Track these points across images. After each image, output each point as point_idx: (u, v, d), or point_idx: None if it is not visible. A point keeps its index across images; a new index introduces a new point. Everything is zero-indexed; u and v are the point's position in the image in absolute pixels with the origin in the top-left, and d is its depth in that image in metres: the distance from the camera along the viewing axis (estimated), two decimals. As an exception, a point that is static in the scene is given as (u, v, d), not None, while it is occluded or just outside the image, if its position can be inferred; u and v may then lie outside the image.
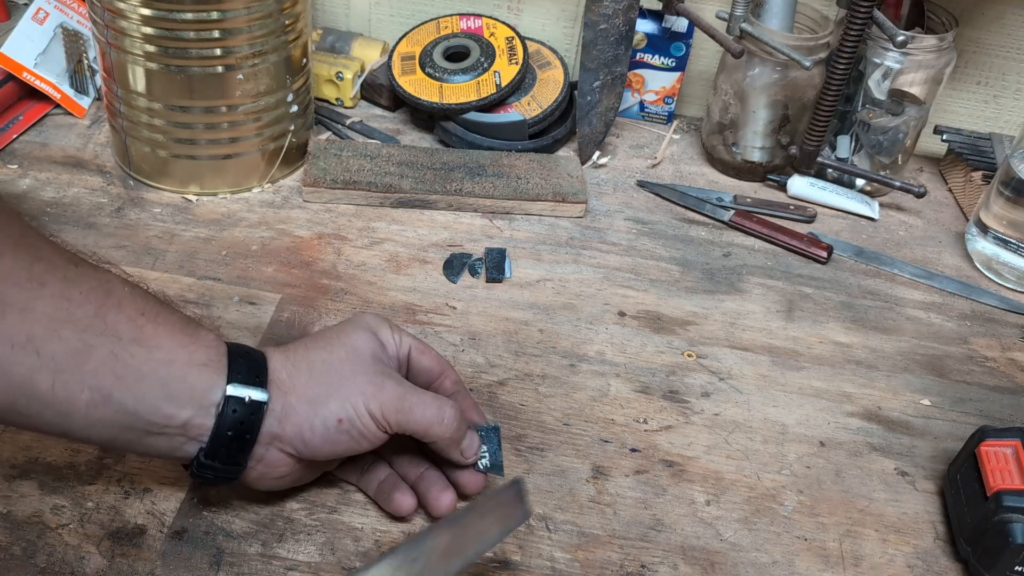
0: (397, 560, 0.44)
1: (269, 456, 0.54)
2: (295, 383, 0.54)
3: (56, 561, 0.54)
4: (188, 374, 0.51)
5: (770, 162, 0.98)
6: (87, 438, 0.51)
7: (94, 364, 0.48)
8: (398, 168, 0.89)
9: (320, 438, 0.53)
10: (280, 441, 0.54)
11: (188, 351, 0.51)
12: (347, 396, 0.54)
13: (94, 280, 0.50)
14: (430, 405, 0.55)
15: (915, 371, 0.77)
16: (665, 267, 0.85)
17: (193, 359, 0.51)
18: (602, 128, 0.97)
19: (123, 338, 0.49)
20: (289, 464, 0.55)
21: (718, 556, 0.60)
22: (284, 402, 0.53)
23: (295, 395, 0.54)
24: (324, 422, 0.53)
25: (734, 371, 0.74)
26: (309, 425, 0.53)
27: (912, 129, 0.94)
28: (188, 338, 0.52)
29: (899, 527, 0.63)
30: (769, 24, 0.91)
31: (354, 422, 0.53)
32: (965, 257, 0.92)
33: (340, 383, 0.54)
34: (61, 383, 0.48)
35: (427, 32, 1.01)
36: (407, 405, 0.54)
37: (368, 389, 0.54)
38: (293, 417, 0.53)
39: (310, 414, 0.53)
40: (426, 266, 0.81)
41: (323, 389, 0.54)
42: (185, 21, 0.77)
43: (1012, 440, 0.61)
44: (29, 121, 0.93)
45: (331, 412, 0.53)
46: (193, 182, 0.86)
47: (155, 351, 0.50)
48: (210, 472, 0.53)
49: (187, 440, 0.52)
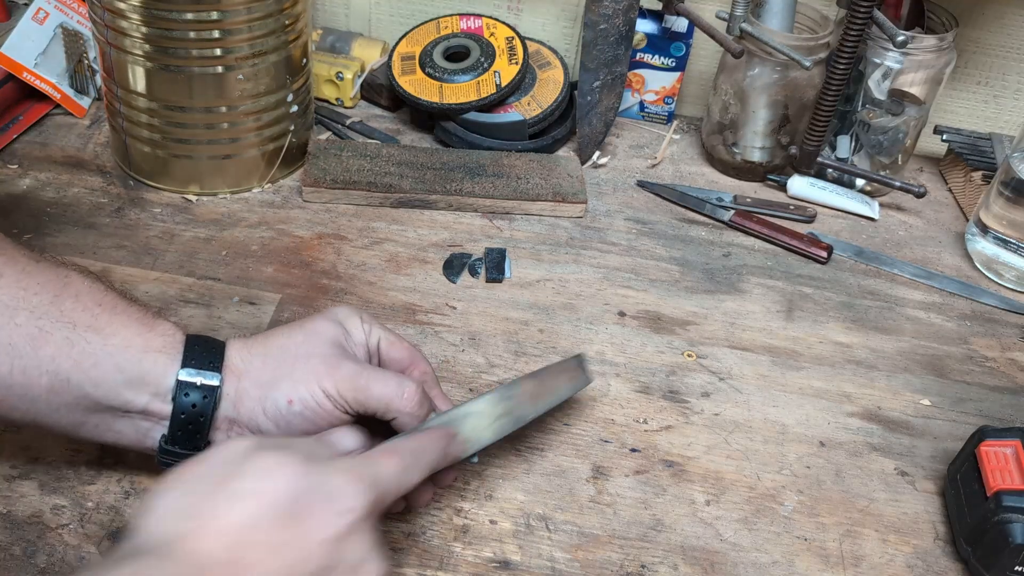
0: (496, 396, 0.54)
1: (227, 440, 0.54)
2: (249, 367, 0.54)
3: (56, 561, 0.54)
4: (143, 360, 0.52)
5: (770, 162, 0.98)
6: (57, 424, 0.52)
7: (51, 349, 0.50)
8: (398, 168, 0.89)
9: (272, 420, 0.53)
10: (238, 426, 0.54)
11: (144, 338, 0.53)
12: (299, 378, 0.53)
13: (52, 273, 0.53)
14: (389, 381, 0.54)
15: (915, 371, 0.77)
16: (665, 267, 0.85)
17: (149, 346, 0.53)
18: (602, 128, 0.97)
19: (78, 325, 0.51)
20: None
21: (718, 556, 0.60)
22: (238, 386, 0.54)
23: (248, 379, 0.54)
24: (275, 403, 0.53)
25: (734, 371, 0.74)
26: (262, 408, 0.53)
27: (912, 129, 0.94)
28: (144, 327, 0.53)
29: (899, 527, 0.63)
30: (769, 24, 0.91)
31: (306, 402, 0.53)
32: (965, 257, 0.92)
33: (294, 365, 0.54)
34: (20, 368, 0.50)
35: (427, 32, 1.01)
36: (364, 382, 0.54)
37: (321, 369, 0.54)
38: (246, 400, 0.54)
39: (262, 396, 0.53)
40: (426, 266, 0.81)
41: (277, 372, 0.54)
42: (185, 21, 0.77)
43: (1012, 440, 0.61)
44: (29, 121, 0.93)
45: (281, 393, 0.53)
46: (193, 182, 0.86)
47: (111, 338, 0.52)
48: (172, 458, 0.53)
49: (152, 426, 0.54)
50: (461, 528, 0.59)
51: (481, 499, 0.61)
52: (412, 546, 0.58)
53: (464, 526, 0.59)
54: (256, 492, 0.43)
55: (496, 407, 0.54)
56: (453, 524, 0.59)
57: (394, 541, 0.58)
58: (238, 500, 0.42)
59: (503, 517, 0.60)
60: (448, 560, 0.57)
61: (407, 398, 0.54)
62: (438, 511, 0.60)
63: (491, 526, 0.60)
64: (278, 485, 0.43)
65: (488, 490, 0.62)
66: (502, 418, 0.54)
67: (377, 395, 0.54)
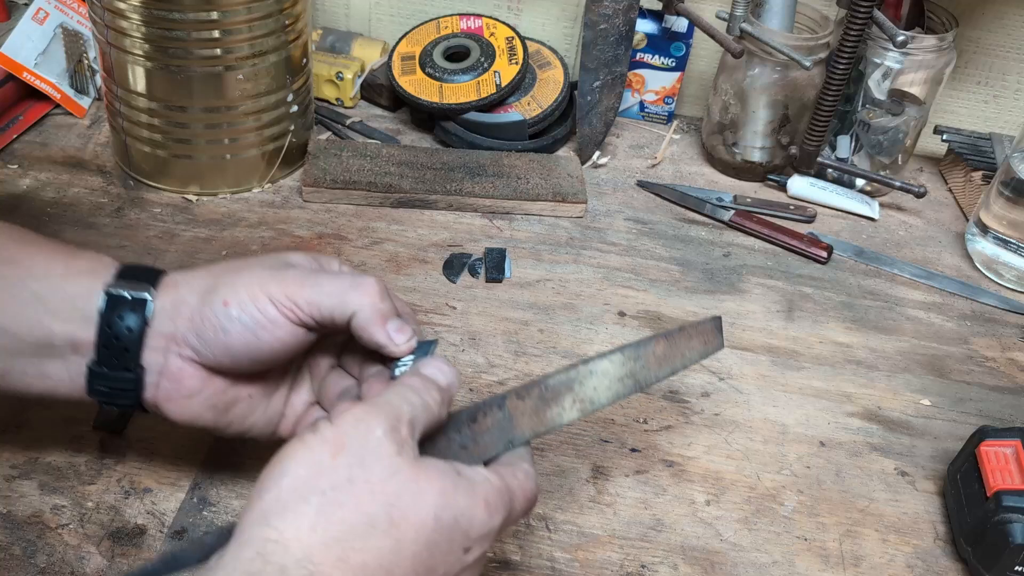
0: (625, 355, 0.50)
1: (170, 366, 0.50)
2: (189, 279, 0.50)
3: (56, 561, 0.54)
4: (66, 284, 0.49)
5: (770, 162, 0.98)
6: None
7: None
8: (398, 168, 0.89)
9: (210, 329, 0.48)
10: (176, 343, 0.49)
11: (66, 265, 0.49)
12: (241, 282, 0.48)
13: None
14: (344, 277, 0.49)
15: (915, 371, 0.77)
16: (665, 267, 0.85)
17: (71, 270, 0.49)
18: (602, 128, 0.97)
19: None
20: (196, 376, 0.50)
21: (718, 556, 0.60)
22: (175, 296, 0.49)
23: (187, 287, 0.50)
24: (212, 308, 0.48)
25: (734, 371, 0.74)
26: (200, 315, 0.48)
27: (912, 129, 0.94)
28: (68, 255, 0.50)
29: (899, 527, 0.63)
30: (769, 24, 0.91)
31: (244, 306, 0.48)
32: (965, 257, 0.92)
33: (238, 271, 0.49)
34: None
35: (427, 32, 1.01)
36: (314, 280, 0.48)
37: (267, 274, 0.49)
38: (184, 310, 0.49)
39: (200, 302, 0.49)
40: (426, 266, 0.81)
41: (218, 280, 0.49)
42: (185, 21, 0.77)
43: (1012, 440, 0.61)
44: (29, 121, 0.93)
45: (219, 296, 0.48)
46: (193, 182, 0.86)
47: (30, 269, 0.49)
48: (102, 384, 0.49)
49: (83, 359, 0.49)
50: (461, 528, 0.59)
51: (481, 499, 0.61)
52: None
53: (464, 526, 0.59)
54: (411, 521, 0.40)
55: (621, 368, 0.50)
56: (453, 524, 0.59)
57: (394, 541, 0.58)
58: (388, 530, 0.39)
59: (503, 517, 0.60)
60: (448, 560, 0.57)
61: (366, 287, 0.49)
62: (438, 511, 0.60)
63: (491, 526, 0.60)
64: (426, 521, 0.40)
65: (488, 490, 0.62)
66: (625, 380, 0.50)
67: (328, 290, 0.48)
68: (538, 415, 0.48)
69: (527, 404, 0.48)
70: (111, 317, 0.48)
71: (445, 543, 0.41)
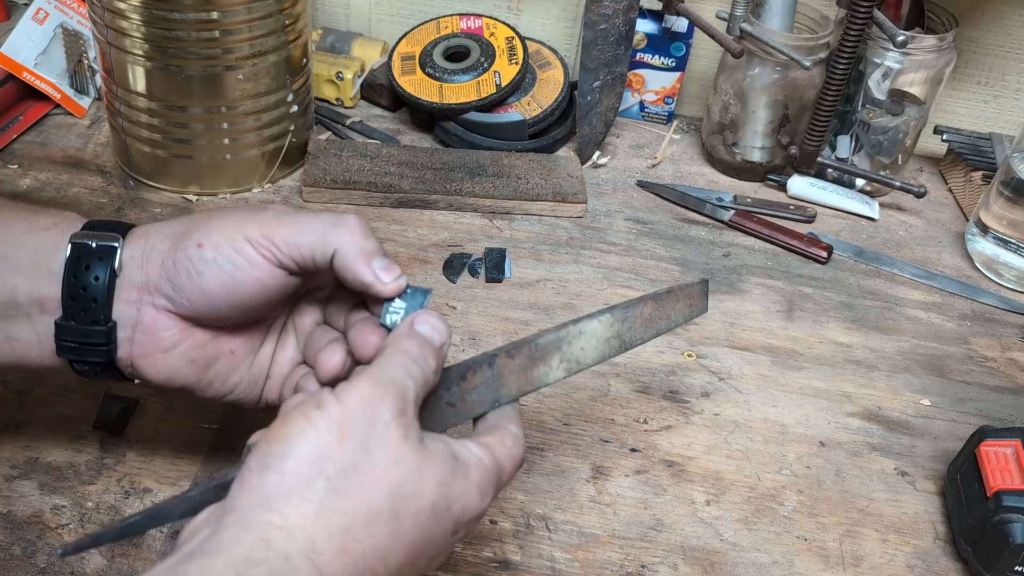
0: (613, 316, 0.50)
1: (143, 318, 0.47)
2: (160, 227, 0.48)
3: (56, 561, 0.54)
4: (29, 239, 0.47)
5: (770, 162, 0.98)
6: None
7: None
8: (398, 168, 0.89)
9: (184, 274, 0.46)
10: (148, 293, 0.47)
11: (28, 222, 0.47)
12: (216, 225, 0.46)
13: None
14: (324, 216, 0.47)
15: (915, 371, 0.77)
16: (665, 267, 0.85)
17: (34, 226, 0.47)
18: (602, 128, 0.97)
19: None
20: (173, 327, 0.48)
21: (718, 556, 0.60)
22: (144, 246, 0.47)
23: (157, 236, 0.47)
24: (186, 252, 0.46)
25: (734, 371, 0.74)
26: (172, 260, 0.46)
27: (912, 129, 0.94)
28: (31, 213, 0.48)
29: (899, 527, 0.63)
30: (769, 24, 0.91)
31: (219, 247, 0.45)
32: (965, 257, 0.92)
33: (212, 216, 0.47)
34: None
35: (427, 32, 1.01)
36: (293, 219, 0.46)
37: (243, 215, 0.47)
38: (154, 257, 0.47)
39: (173, 248, 0.46)
40: (426, 266, 0.81)
41: (192, 224, 0.47)
42: (185, 21, 0.77)
43: (1012, 440, 0.61)
44: (29, 121, 0.93)
45: (193, 239, 0.46)
46: (193, 182, 0.86)
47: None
48: (70, 339, 0.47)
49: (50, 319, 0.47)
50: (461, 528, 0.59)
51: (481, 499, 0.61)
52: (412, 546, 0.58)
53: (464, 526, 0.59)
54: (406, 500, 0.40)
55: (608, 329, 0.50)
56: (453, 524, 0.59)
57: (394, 541, 0.58)
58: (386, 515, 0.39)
59: (503, 517, 0.60)
60: (448, 560, 0.57)
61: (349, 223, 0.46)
62: (438, 511, 0.60)
63: (491, 526, 0.60)
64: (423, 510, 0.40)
65: (488, 490, 0.62)
66: (611, 340, 0.50)
67: (308, 227, 0.46)
68: (526, 374, 0.48)
69: (516, 362, 0.48)
70: (77, 268, 0.46)
71: (439, 528, 0.41)
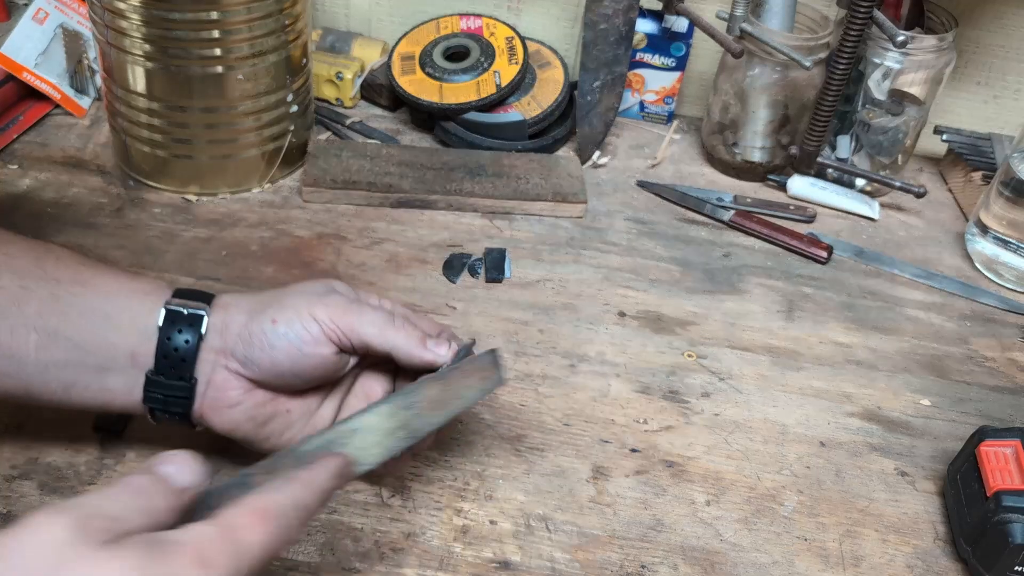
0: (392, 407, 0.49)
1: (216, 377, 0.54)
2: (239, 301, 0.55)
3: (56, 561, 0.54)
4: (130, 302, 0.53)
5: (770, 162, 0.98)
6: (47, 387, 0.52)
7: (36, 306, 0.51)
8: (398, 168, 0.89)
9: (258, 345, 0.52)
10: (224, 356, 0.54)
11: (129, 286, 0.54)
12: (288, 303, 0.53)
13: (32, 242, 0.54)
14: (381, 311, 0.54)
15: (915, 371, 0.77)
16: (665, 267, 0.85)
17: (135, 290, 0.54)
18: (602, 128, 0.97)
19: (63, 281, 0.52)
20: (239, 387, 0.54)
21: (718, 556, 0.60)
22: (225, 316, 0.54)
23: (235, 308, 0.54)
24: (261, 326, 0.52)
25: (734, 371, 0.74)
26: (248, 332, 0.53)
27: (912, 129, 0.94)
28: (129, 278, 0.55)
29: (899, 527, 0.63)
30: (769, 24, 0.91)
31: (291, 323, 0.52)
32: (965, 257, 0.92)
33: (285, 295, 0.54)
34: (7, 328, 0.50)
35: (427, 32, 1.01)
36: (357, 309, 0.53)
37: (313, 298, 0.53)
38: (233, 327, 0.53)
39: (249, 321, 0.53)
40: (426, 266, 0.81)
41: (266, 302, 0.54)
42: (185, 21, 0.77)
43: (1012, 440, 0.61)
44: (29, 121, 0.93)
45: (267, 315, 0.53)
46: (193, 182, 0.86)
47: (96, 289, 0.53)
48: (158, 391, 0.53)
49: (140, 372, 0.53)
50: (461, 528, 0.59)
51: (481, 499, 0.61)
52: (412, 546, 0.58)
53: (464, 526, 0.59)
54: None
55: (390, 420, 0.48)
56: (453, 524, 0.59)
57: (394, 541, 0.58)
58: None
59: (503, 517, 0.60)
60: (448, 560, 0.57)
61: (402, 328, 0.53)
62: (438, 511, 0.60)
63: (491, 526, 0.60)
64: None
65: (488, 490, 0.62)
66: (396, 432, 0.48)
67: (370, 319, 0.53)
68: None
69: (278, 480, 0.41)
70: (171, 331, 0.53)
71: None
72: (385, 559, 0.57)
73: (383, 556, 0.57)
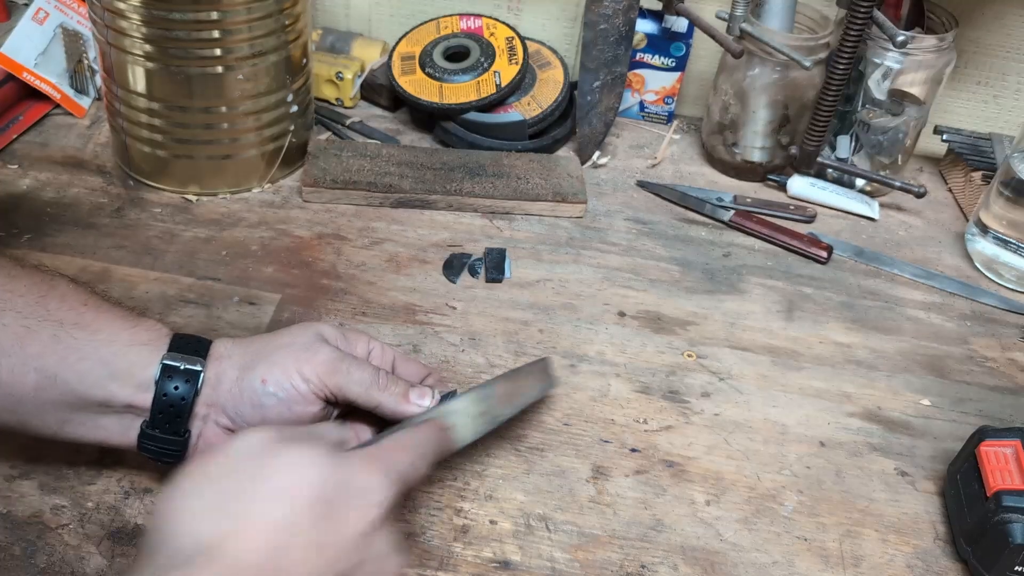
0: (474, 396, 0.56)
1: (207, 432, 0.55)
2: (232, 353, 0.55)
3: (56, 561, 0.54)
4: (129, 352, 0.53)
5: (770, 162, 0.98)
6: (42, 423, 0.53)
7: (38, 347, 0.51)
8: (398, 168, 0.89)
9: (248, 402, 0.54)
10: (215, 411, 0.55)
11: (129, 333, 0.54)
12: (276, 360, 0.54)
13: (38, 277, 0.54)
14: (367, 367, 0.55)
15: (915, 371, 0.77)
16: (665, 267, 0.85)
17: (134, 339, 0.54)
18: (602, 128, 0.97)
19: (65, 323, 0.52)
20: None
21: (718, 556, 0.60)
22: (218, 369, 0.55)
23: (228, 362, 0.55)
24: (251, 384, 0.54)
25: (734, 371, 0.74)
26: (238, 389, 0.54)
27: (912, 129, 0.94)
28: (130, 323, 0.55)
29: (899, 527, 0.63)
30: (769, 24, 0.91)
31: (280, 383, 0.53)
32: (965, 257, 0.92)
33: (274, 351, 0.55)
34: (7, 367, 0.51)
35: (427, 32, 1.01)
36: (344, 367, 0.54)
37: (302, 355, 0.54)
38: (225, 383, 0.54)
39: (240, 377, 0.54)
40: (426, 266, 0.81)
41: (256, 356, 0.55)
42: (185, 21, 0.77)
43: (1012, 440, 0.61)
44: (29, 121, 0.93)
45: (256, 374, 0.54)
46: (193, 182, 0.86)
47: (97, 333, 0.53)
48: (152, 444, 0.54)
49: (134, 420, 0.54)
50: (461, 528, 0.59)
51: (481, 499, 0.61)
52: (412, 546, 0.58)
53: (464, 526, 0.59)
54: (291, 489, 0.42)
55: (476, 406, 0.55)
56: (453, 524, 0.59)
57: (394, 541, 0.58)
58: (274, 499, 0.42)
59: (503, 517, 0.60)
60: (448, 560, 0.57)
61: (382, 382, 0.55)
62: (438, 511, 0.60)
63: (491, 526, 0.60)
64: (313, 481, 0.43)
65: (488, 490, 0.62)
66: (481, 417, 0.56)
67: (357, 378, 0.54)
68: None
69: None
70: (166, 386, 0.53)
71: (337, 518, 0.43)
72: (385, 559, 0.57)
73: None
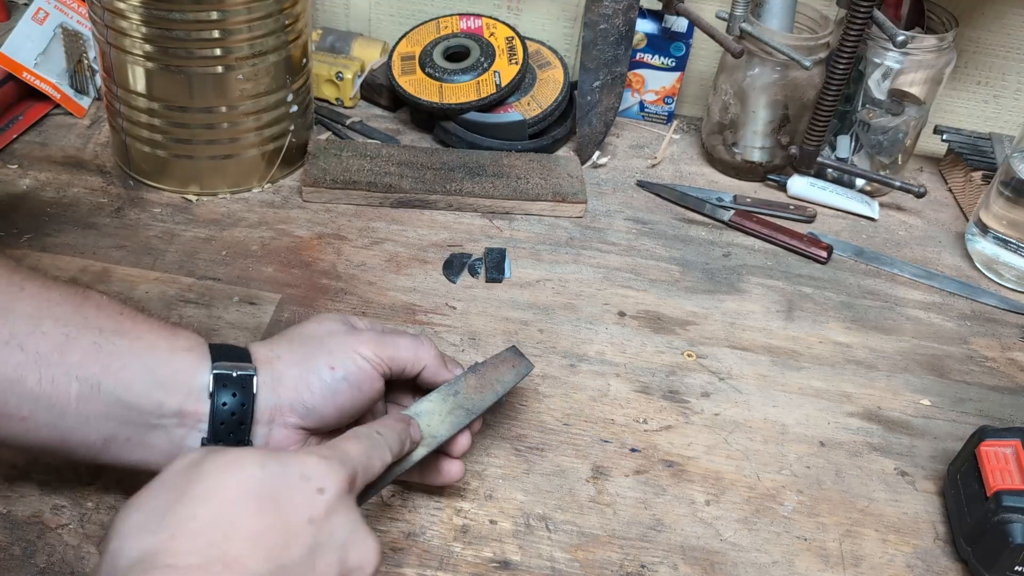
0: (441, 394, 0.58)
1: (274, 436, 0.54)
2: (279, 353, 0.55)
3: (56, 561, 0.54)
4: (172, 359, 0.52)
5: (770, 162, 0.98)
6: (86, 439, 0.51)
7: (78, 355, 0.50)
8: (398, 168, 0.89)
9: (320, 394, 0.54)
10: (281, 413, 0.54)
11: (169, 340, 0.53)
12: (334, 348, 0.55)
13: (71, 287, 0.53)
14: (406, 336, 0.58)
15: (915, 371, 0.77)
16: (665, 267, 0.85)
17: (175, 346, 0.53)
18: (602, 128, 0.97)
19: (104, 330, 0.51)
20: (298, 440, 0.55)
21: (718, 556, 0.60)
22: (272, 370, 0.54)
23: (281, 362, 0.55)
24: (319, 375, 0.54)
25: (734, 371, 0.74)
26: (305, 383, 0.54)
27: (912, 129, 0.94)
28: (168, 330, 0.54)
29: (899, 527, 0.63)
30: (769, 24, 0.91)
31: (347, 367, 0.54)
32: (965, 257, 0.92)
33: (322, 341, 0.56)
34: (48, 377, 0.49)
35: (427, 32, 1.01)
36: (390, 340, 0.57)
37: (350, 339, 0.56)
38: (287, 381, 0.54)
39: (303, 372, 0.54)
40: (426, 266, 0.81)
41: (308, 350, 0.55)
42: (185, 21, 0.77)
43: (1012, 440, 0.61)
44: (29, 121, 0.93)
45: (322, 363, 0.54)
46: (193, 182, 0.86)
47: (137, 340, 0.52)
48: None
49: (187, 431, 0.52)
50: (461, 528, 0.59)
51: (481, 499, 0.61)
52: (412, 546, 0.58)
53: (464, 526, 0.59)
54: (220, 488, 0.41)
55: (443, 404, 0.57)
56: (453, 524, 0.59)
57: (394, 541, 0.58)
58: (202, 501, 0.41)
59: (503, 517, 0.60)
60: (448, 560, 0.57)
61: (426, 346, 0.58)
62: (438, 511, 0.60)
63: (491, 526, 0.60)
64: (242, 477, 0.42)
65: (488, 490, 0.62)
66: (455, 411, 0.57)
67: (405, 347, 0.57)
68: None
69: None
70: (223, 395, 0.52)
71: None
72: (385, 559, 0.57)
73: (383, 556, 0.57)
